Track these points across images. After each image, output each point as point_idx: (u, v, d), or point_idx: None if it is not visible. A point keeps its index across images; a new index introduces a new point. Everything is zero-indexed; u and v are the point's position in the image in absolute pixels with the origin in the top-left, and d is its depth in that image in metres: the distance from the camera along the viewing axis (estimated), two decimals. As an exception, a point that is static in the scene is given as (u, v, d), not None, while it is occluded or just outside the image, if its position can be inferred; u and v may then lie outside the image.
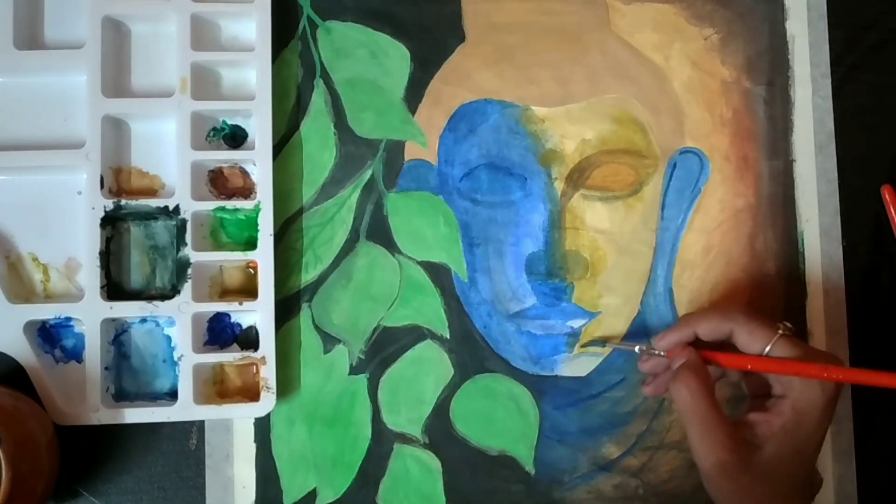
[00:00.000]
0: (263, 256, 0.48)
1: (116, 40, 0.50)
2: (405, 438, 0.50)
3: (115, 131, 0.49)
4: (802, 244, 0.52)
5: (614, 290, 0.51)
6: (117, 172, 0.50)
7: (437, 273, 0.51)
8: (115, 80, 0.50)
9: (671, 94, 0.52)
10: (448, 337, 0.51)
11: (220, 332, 0.49)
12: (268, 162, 0.48)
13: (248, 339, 0.49)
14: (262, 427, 0.49)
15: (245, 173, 0.50)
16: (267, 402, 0.48)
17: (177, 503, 0.49)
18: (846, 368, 0.43)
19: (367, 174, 0.51)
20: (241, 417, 0.49)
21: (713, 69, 0.53)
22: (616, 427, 0.51)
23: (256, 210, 0.48)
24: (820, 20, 0.53)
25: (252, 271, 0.50)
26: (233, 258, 0.49)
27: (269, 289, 0.48)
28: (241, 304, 0.48)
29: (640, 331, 0.51)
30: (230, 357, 0.48)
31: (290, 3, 0.51)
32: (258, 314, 0.48)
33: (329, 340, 0.50)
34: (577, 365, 0.51)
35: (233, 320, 0.50)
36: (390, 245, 0.51)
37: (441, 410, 0.50)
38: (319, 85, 0.51)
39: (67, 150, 0.48)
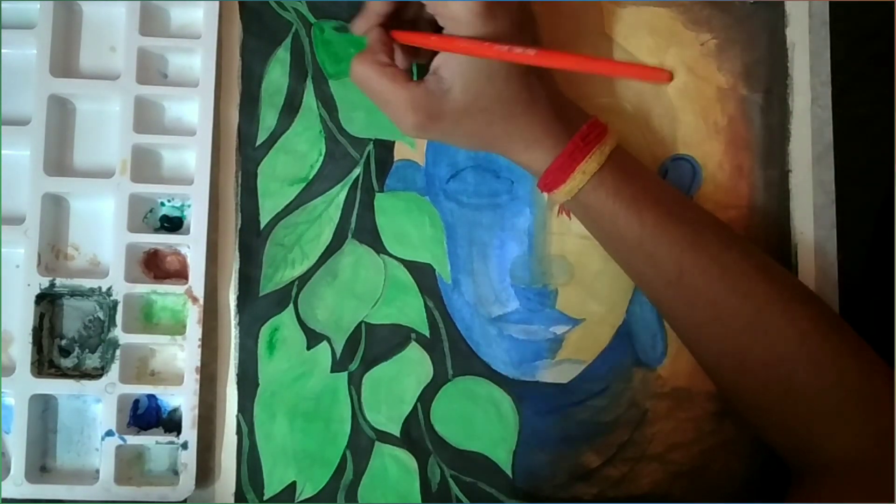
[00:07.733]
0: (190, 341, 0.49)
1: (62, 117, 0.50)
2: (385, 437, 0.50)
3: (55, 208, 0.50)
4: (796, 258, 0.51)
5: (600, 298, 0.51)
6: (55, 249, 0.50)
7: (422, 274, 0.51)
8: (58, 157, 0.50)
9: (664, 100, 0.51)
10: (430, 337, 0.50)
11: (145, 414, 0.50)
12: (201, 247, 0.49)
13: (173, 422, 0.50)
14: (245, 419, 0.50)
15: (181, 256, 0.51)
16: (185, 487, 0.48)
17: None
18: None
19: (356, 173, 0.51)
20: (160, 500, 0.48)
21: (709, 75, 0.51)
22: (597, 436, 0.50)
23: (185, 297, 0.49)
24: (822, 27, 0.51)
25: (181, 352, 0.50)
26: (162, 342, 0.50)
27: (194, 375, 0.48)
28: (166, 387, 0.49)
29: (624, 340, 0.51)
30: (152, 440, 0.49)
31: (284, 1, 0.51)
32: (183, 398, 0.49)
33: (313, 336, 0.50)
34: (559, 372, 0.50)
35: (159, 402, 0.50)
36: (377, 244, 0.51)
37: (421, 411, 0.50)
38: (311, 83, 0.51)
39: (7, 225, 0.48)
